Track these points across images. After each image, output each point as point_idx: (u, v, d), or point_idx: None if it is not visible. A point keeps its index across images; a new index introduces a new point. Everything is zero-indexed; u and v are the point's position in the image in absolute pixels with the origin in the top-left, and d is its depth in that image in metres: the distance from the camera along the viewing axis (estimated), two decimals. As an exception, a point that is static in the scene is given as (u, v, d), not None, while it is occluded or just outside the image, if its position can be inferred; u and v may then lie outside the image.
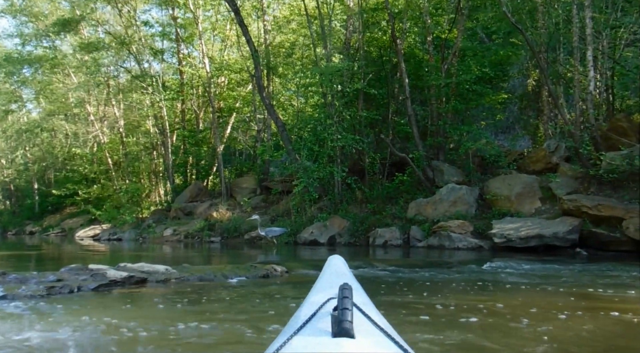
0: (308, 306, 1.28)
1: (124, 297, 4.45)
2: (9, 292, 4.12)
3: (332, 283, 1.41)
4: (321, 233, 12.95)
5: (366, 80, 14.80)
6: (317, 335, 1.03)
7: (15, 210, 33.26)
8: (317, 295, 1.37)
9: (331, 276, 1.61)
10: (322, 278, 1.64)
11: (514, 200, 11.56)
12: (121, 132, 24.08)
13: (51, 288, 4.24)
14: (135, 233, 18.06)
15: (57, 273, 4.89)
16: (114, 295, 4.48)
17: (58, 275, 4.76)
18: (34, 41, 25.68)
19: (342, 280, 1.39)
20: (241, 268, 5.90)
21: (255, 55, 15.21)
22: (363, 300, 1.33)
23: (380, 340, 1.01)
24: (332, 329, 1.02)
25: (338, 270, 1.69)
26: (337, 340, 0.97)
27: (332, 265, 1.76)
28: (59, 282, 4.51)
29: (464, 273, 6.35)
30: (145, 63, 21.51)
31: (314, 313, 1.16)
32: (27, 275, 4.79)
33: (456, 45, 14.01)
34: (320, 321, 1.11)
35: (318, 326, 1.08)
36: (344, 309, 1.03)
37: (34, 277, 4.69)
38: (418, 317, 3.68)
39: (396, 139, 14.74)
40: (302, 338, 1.02)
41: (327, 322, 1.08)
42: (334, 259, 1.83)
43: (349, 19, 16.11)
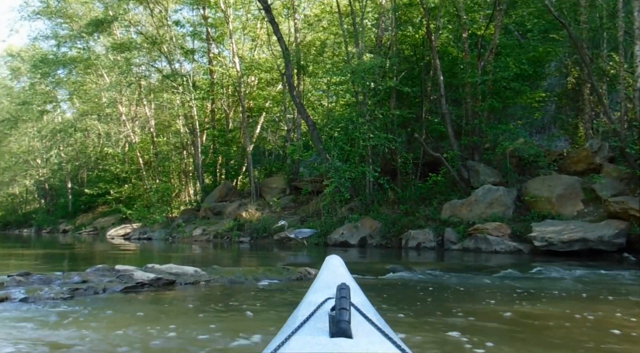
0: (306, 306, 1.28)
1: (151, 300, 4.23)
2: (31, 295, 3.92)
3: (330, 284, 1.40)
4: (352, 235, 12.65)
5: (399, 78, 14.44)
6: (315, 335, 1.03)
7: (49, 208, 33.90)
8: (314, 295, 1.37)
9: (329, 276, 1.60)
10: (320, 278, 1.62)
11: (555, 202, 11.04)
12: (152, 131, 24.25)
13: (75, 290, 4.04)
14: (165, 232, 18.07)
15: (83, 273, 4.71)
16: (141, 298, 4.25)
17: (83, 276, 4.58)
18: (69, 42, 26.12)
19: (340, 280, 1.37)
20: (273, 271, 5.63)
21: (285, 53, 15.01)
22: (361, 300, 1.33)
23: (377, 339, 1.01)
24: (330, 329, 1.02)
25: (336, 270, 1.68)
26: (335, 340, 0.97)
27: (330, 265, 1.74)
28: (83, 283, 4.33)
29: (510, 279, 5.96)
30: (176, 63, 21.59)
31: (312, 313, 1.15)
32: (51, 275, 4.61)
33: (493, 41, 13.53)
34: (318, 321, 1.11)
35: (316, 326, 1.08)
36: (341, 309, 1.03)
37: (58, 278, 4.51)
38: (486, 324, 3.36)
39: (429, 138, 14.32)
40: (300, 338, 1.02)
41: (324, 322, 1.08)
42: (332, 259, 1.81)
43: (380, 16, 15.78)
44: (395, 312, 3.93)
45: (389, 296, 4.90)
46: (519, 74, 13.17)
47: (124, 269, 4.75)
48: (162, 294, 4.42)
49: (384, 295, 4.85)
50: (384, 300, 4.53)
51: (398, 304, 4.25)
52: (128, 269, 4.74)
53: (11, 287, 4.15)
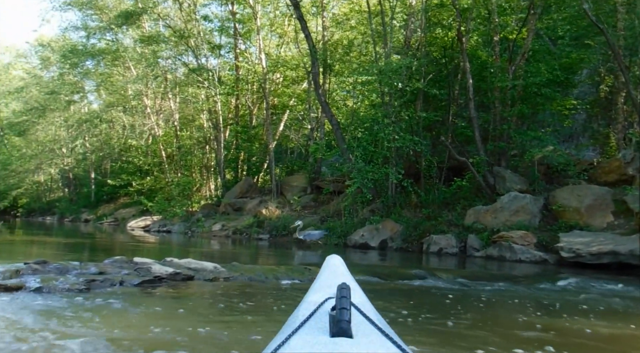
0: (306, 306, 1.26)
1: (168, 295, 4.10)
2: (46, 284, 3.81)
3: (330, 283, 1.39)
4: (372, 237, 12.45)
5: (426, 80, 14.20)
6: (315, 334, 1.02)
7: (72, 197, 34.35)
8: (315, 295, 1.35)
9: (330, 276, 1.59)
10: (320, 278, 1.61)
11: (584, 212, 10.69)
12: (176, 125, 24.36)
13: (91, 281, 3.94)
14: (184, 226, 18.09)
15: (100, 265, 4.61)
16: (158, 293, 4.13)
17: (100, 267, 4.48)
18: (98, 34, 26.36)
19: (341, 279, 1.36)
20: (294, 271, 5.48)
21: (313, 50, 14.88)
22: (361, 300, 1.31)
23: (378, 339, 1.00)
24: (330, 329, 1.01)
25: (336, 269, 1.66)
26: (335, 339, 0.97)
27: (331, 264, 1.73)
28: (100, 274, 4.23)
29: (541, 290, 5.72)
30: (203, 58, 21.62)
31: (312, 313, 1.15)
32: (68, 265, 4.51)
33: (525, 46, 13.20)
34: (318, 321, 1.10)
35: (316, 326, 1.07)
36: (342, 309, 1.02)
37: (75, 268, 4.41)
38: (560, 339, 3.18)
39: (455, 142, 14.04)
40: (300, 338, 1.01)
41: (325, 322, 1.07)
42: (332, 259, 1.79)
43: (410, 17, 15.55)
44: (438, 322, 3.75)
45: (424, 304, 4.72)
46: (551, 80, 12.84)
47: (142, 262, 4.64)
48: (180, 289, 4.30)
49: (411, 302, 4.68)
50: (419, 309, 4.35)
51: (439, 314, 4.07)
52: (146, 262, 4.63)
53: (27, 275, 4.08)
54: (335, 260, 1.78)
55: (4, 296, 3.61)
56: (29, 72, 37.46)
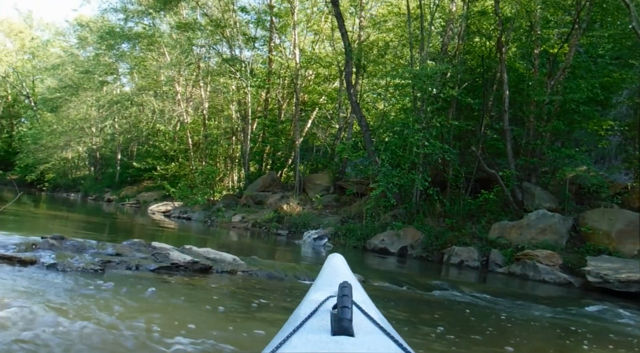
0: (307, 304, 1.26)
1: (184, 285, 3.98)
2: (61, 261, 3.71)
3: (332, 282, 1.39)
4: (392, 243, 12.26)
5: (460, 88, 13.93)
6: (317, 333, 1.02)
7: (97, 177, 34.80)
8: (316, 293, 1.35)
9: (331, 274, 1.58)
10: (322, 277, 1.61)
11: (614, 237, 10.34)
12: (204, 114, 24.45)
13: (107, 262, 3.84)
14: (204, 215, 18.12)
15: (118, 246, 4.53)
16: (174, 282, 4.01)
17: (117, 249, 4.39)
18: (136, 18, 26.59)
19: (342, 278, 1.36)
20: (314, 270, 5.34)
21: (348, 49, 14.74)
22: (362, 298, 1.30)
23: (379, 338, 1.00)
24: (332, 327, 1.01)
25: (338, 268, 1.66)
26: (337, 338, 0.96)
27: (332, 263, 1.72)
28: (117, 256, 4.13)
29: (566, 314, 5.49)
30: (237, 49, 21.63)
31: (314, 311, 1.14)
32: (85, 243, 4.42)
33: (567, 61, 12.85)
34: (319, 319, 1.10)
35: (317, 324, 1.07)
36: (343, 307, 1.02)
37: (92, 247, 4.32)
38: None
39: (485, 154, 13.75)
40: (301, 336, 1.01)
41: (326, 320, 1.06)
42: (334, 257, 1.78)
43: (449, 23, 15.29)
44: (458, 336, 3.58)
45: (444, 317, 4.55)
46: (591, 98, 12.47)
47: (160, 247, 4.55)
48: (196, 280, 4.19)
49: (434, 315, 4.51)
50: (438, 321, 4.18)
51: (459, 328, 3.90)
52: (164, 248, 4.54)
53: (43, 250, 4.00)
54: (337, 258, 1.77)
55: (17, 269, 3.54)
56: (66, 50, 38.06)
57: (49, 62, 40.61)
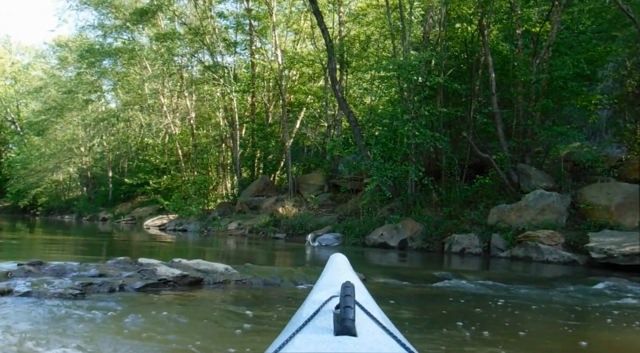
0: (310, 304, 1.25)
1: (171, 303, 3.75)
2: (36, 289, 3.45)
3: (335, 282, 1.38)
4: (392, 236, 12.11)
5: (446, 75, 13.79)
6: (319, 333, 1.01)
7: (91, 196, 34.49)
8: (319, 293, 1.34)
9: (333, 274, 1.57)
10: (325, 276, 1.59)
11: (614, 211, 10.23)
12: (192, 123, 24.24)
13: (88, 285, 3.61)
14: (200, 225, 17.92)
15: (102, 265, 4.30)
16: (160, 300, 3.74)
17: (101, 269, 4.15)
18: (114, 33, 26.38)
19: (345, 278, 1.35)
20: (312, 273, 5.14)
21: (329, 45, 14.58)
22: (365, 298, 1.30)
23: (382, 338, 0.99)
24: (335, 327, 1.00)
25: (340, 268, 1.64)
26: (340, 338, 0.96)
27: (335, 263, 1.70)
28: (100, 277, 3.91)
29: (577, 294, 5.34)
30: (218, 55, 21.43)
31: (316, 312, 1.14)
32: (66, 266, 4.19)
33: (550, 38, 12.74)
34: (322, 319, 1.09)
35: (320, 324, 1.06)
36: (346, 307, 1.02)
37: (73, 269, 4.08)
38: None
39: (477, 139, 13.62)
40: (304, 337, 1.00)
41: (329, 320, 1.06)
42: (336, 257, 1.76)
43: (429, 11, 15.16)
44: (463, 329, 3.41)
45: (448, 309, 4.39)
46: (577, 73, 12.36)
47: (147, 263, 4.33)
48: (186, 295, 3.96)
49: (435, 307, 4.35)
50: (443, 314, 4.01)
51: (466, 320, 3.73)
52: (151, 263, 4.32)
53: (18, 277, 3.77)
54: (339, 258, 1.75)
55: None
56: (47, 72, 37.77)
57: (31, 85, 40.31)
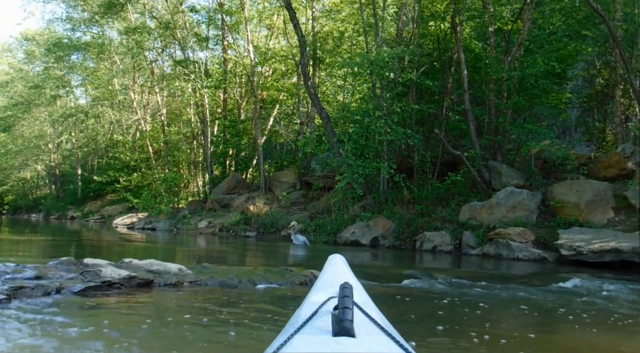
0: (308, 305, 1.25)
1: (111, 308, 3.45)
2: None
3: (333, 282, 1.38)
4: (363, 234, 11.98)
5: (418, 72, 13.71)
6: (318, 334, 1.01)
7: (59, 194, 33.63)
8: (317, 294, 1.34)
9: (332, 275, 1.57)
10: (323, 277, 1.59)
11: (583, 208, 10.26)
12: (163, 120, 23.74)
13: (19, 289, 3.28)
14: (170, 223, 17.53)
15: (41, 267, 3.98)
16: (100, 304, 3.46)
17: (40, 271, 3.84)
18: (83, 27, 25.66)
19: (343, 279, 1.35)
20: (274, 273, 4.91)
21: (302, 40, 14.37)
22: (364, 299, 1.30)
23: (380, 339, 0.99)
24: (333, 328, 1.00)
25: (339, 269, 1.64)
26: (338, 339, 0.96)
27: (333, 264, 1.70)
28: (36, 279, 3.61)
29: (549, 292, 5.25)
30: (189, 50, 21.00)
31: (315, 312, 1.14)
32: (0, 267, 3.86)
33: (521, 36, 12.76)
34: (320, 320, 1.09)
35: (318, 325, 1.06)
36: (344, 308, 1.02)
37: (7, 272, 3.74)
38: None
39: (449, 136, 13.57)
40: (302, 337, 1.00)
41: (327, 321, 1.06)
42: (334, 258, 1.76)
43: (402, 8, 15.07)
44: (427, 330, 3.24)
45: (415, 309, 4.23)
46: (548, 71, 12.40)
47: (92, 264, 4.04)
48: (132, 298, 3.68)
49: (401, 307, 4.18)
50: (409, 314, 3.85)
51: (431, 320, 3.57)
52: (97, 264, 4.03)
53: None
54: (337, 259, 1.75)
55: None
56: (13, 67, 36.62)
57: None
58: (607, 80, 15.37)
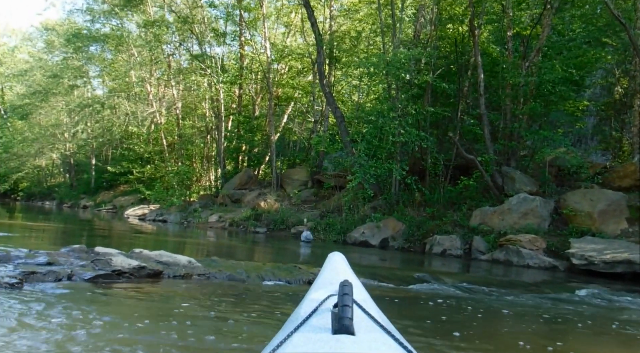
0: (308, 303, 1.25)
1: (120, 296, 3.45)
2: None
3: (333, 280, 1.38)
4: (373, 235, 11.96)
5: (435, 75, 13.65)
6: (317, 331, 1.01)
7: (73, 183, 33.97)
8: (317, 292, 1.34)
9: (332, 273, 1.56)
10: (323, 275, 1.59)
11: (597, 217, 10.15)
12: (178, 113, 23.87)
13: (31, 274, 3.32)
14: (181, 216, 17.64)
15: (53, 253, 4.04)
16: (110, 293, 3.47)
17: (52, 257, 3.89)
18: (103, 19, 25.89)
19: (343, 277, 1.35)
20: (282, 269, 4.92)
21: (318, 38, 14.38)
22: (363, 297, 1.30)
23: (380, 336, 1.00)
24: (332, 326, 1.00)
25: (338, 267, 1.63)
26: (337, 336, 0.96)
27: (333, 262, 1.70)
28: (48, 265, 3.65)
29: (559, 301, 5.20)
30: (207, 45, 21.10)
31: (314, 310, 1.14)
32: (11, 253, 3.91)
33: (540, 41, 12.65)
34: (320, 318, 1.09)
35: (318, 323, 1.06)
36: (344, 306, 1.02)
37: (20, 257, 3.81)
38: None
39: (463, 140, 13.51)
40: (302, 335, 1.00)
41: (327, 319, 1.06)
42: (334, 256, 1.76)
43: (420, 9, 15.00)
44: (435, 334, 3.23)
45: (423, 313, 4.22)
46: (566, 78, 12.28)
47: (103, 252, 4.08)
48: (141, 287, 3.70)
49: (410, 310, 4.17)
50: (418, 318, 3.84)
51: (439, 325, 3.56)
52: (108, 253, 4.06)
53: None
54: (337, 257, 1.75)
55: None
56: (33, 56, 37.07)
57: (16, 68, 39.49)
58: (626, 89, 15.17)
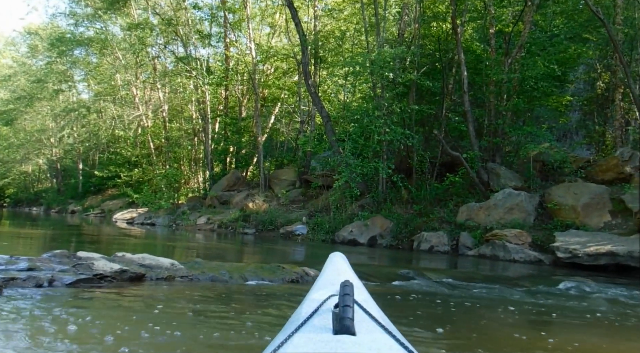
0: (309, 303, 1.24)
1: (100, 301, 3.43)
2: None
3: (334, 281, 1.39)
4: (361, 233, 12.02)
5: (419, 73, 13.74)
6: (318, 332, 1.01)
7: (60, 188, 33.75)
8: (318, 292, 1.33)
9: (333, 273, 1.57)
10: (324, 276, 1.59)
11: (580, 211, 10.29)
12: (164, 116, 23.79)
13: (10, 280, 3.32)
14: (169, 219, 17.60)
15: (34, 259, 4.03)
16: (91, 297, 3.46)
17: (32, 263, 3.89)
18: (86, 22, 25.71)
19: (344, 277, 1.36)
20: (265, 269, 4.95)
21: (303, 39, 14.41)
22: (364, 297, 1.30)
23: (381, 337, 1.00)
24: (333, 326, 1.01)
25: (339, 267, 1.63)
26: (338, 337, 0.96)
27: (334, 262, 1.70)
28: (29, 271, 3.65)
29: (542, 294, 5.28)
30: (192, 47, 21.05)
31: (315, 311, 1.14)
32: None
33: (522, 38, 12.78)
34: (321, 318, 1.09)
35: (319, 323, 1.06)
36: (345, 306, 1.02)
37: (0, 264, 3.80)
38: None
39: (448, 137, 13.61)
40: (303, 336, 1.00)
41: (328, 319, 1.06)
42: (335, 256, 1.76)
43: (404, 8, 15.09)
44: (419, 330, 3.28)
45: (407, 309, 4.27)
46: (548, 73, 12.43)
47: (85, 257, 4.08)
48: (123, 291, 3.71)
49: (393, 307, 4.22)
50: (401, 314, 3.90)
51: (422, 321, 3.61)
52: (90, 257, 4.07)
53: None
54: (338, 257, 1.74)
55: None
56: (17, 60, 36.69)
57: (0, 73, 39.11)
58: (608, 83, 15.37)
